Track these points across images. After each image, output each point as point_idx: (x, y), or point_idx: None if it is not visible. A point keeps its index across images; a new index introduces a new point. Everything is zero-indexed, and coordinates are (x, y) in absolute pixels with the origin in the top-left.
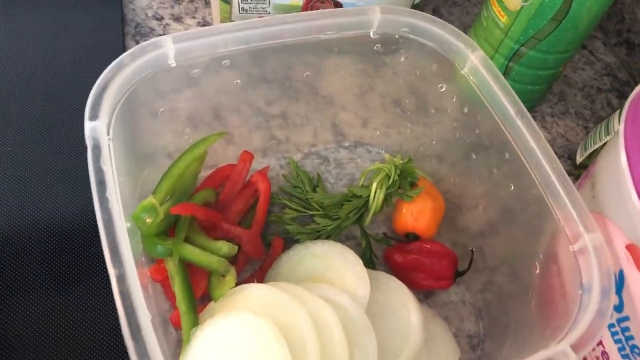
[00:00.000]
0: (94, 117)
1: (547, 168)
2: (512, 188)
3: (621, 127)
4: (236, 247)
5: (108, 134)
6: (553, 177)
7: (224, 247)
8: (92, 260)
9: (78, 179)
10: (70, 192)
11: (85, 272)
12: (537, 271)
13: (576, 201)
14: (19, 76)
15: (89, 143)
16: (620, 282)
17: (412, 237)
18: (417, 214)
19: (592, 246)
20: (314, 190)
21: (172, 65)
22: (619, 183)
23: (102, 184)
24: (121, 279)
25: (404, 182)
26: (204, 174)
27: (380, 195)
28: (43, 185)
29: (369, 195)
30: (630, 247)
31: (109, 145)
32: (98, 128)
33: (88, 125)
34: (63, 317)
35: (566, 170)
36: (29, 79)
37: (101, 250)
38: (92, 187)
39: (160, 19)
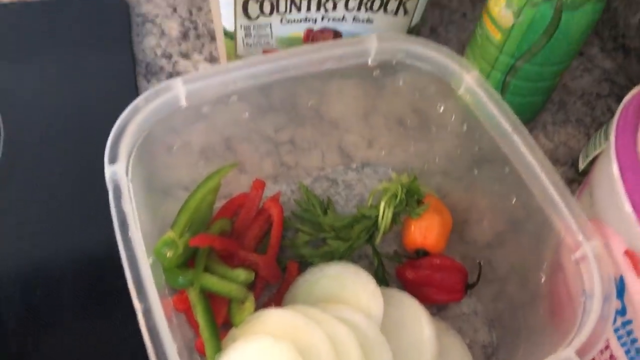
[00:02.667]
0: (113, 160)
1: (546, 180)
2: (514, 201)
3: (612, 137)
4: (253, 274)
5: (127, 175)
6: (552, 189)
7: (242, 274)
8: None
9: (101, 216)
10: (95, 229)
11: (113, 304)
12: (543, 280)
13: (575, 211)
14: (39, 119)
15: (109, 186)
16: (621, 287)
17: (422, 253)
18: (425, 231)
19: (593, 254)
20: (324, 213)
21: (184, 105)
22: (614, 191)
23: (124, 224)
24: (147, 313)
25: (410, 200)
26: (219, 204)
27: (389, 215)
28: (68, 224)
29: (377, 215)
30: (628, 253)
31: (128, 186)
32: (118, 171)
33: (108, 169)
34: (92, 348)
35: (570, 178)
36: (49, 121)
37: (126, 284)
38: (115, 228)
39: (169, 56)
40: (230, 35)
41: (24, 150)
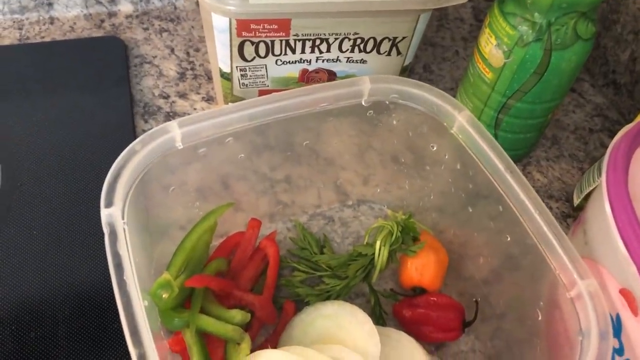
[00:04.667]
0: (109, 204)
1: (539, 219)
2: (509, 239)
3: (603, 176)
4: (249, 315)
5: (123, 218)
6: (545, 228)
7: (237, 315)
8: (115, 334)
9: (97, 256)
10: (91, 269)
11: (109, 345)
12: (540, 318)
13: (569, 250)
14: (37, 160)
15: (105, 230)
16: (618, 325)
17: (418, 291)
18: (421, 268)
19: (587, 292)
20: (321, 251)
21: (180, 147)
22: (607, 230)
23: (119, 267)
24: (141, 358)
25: (406, 237)
26: (216, 242)
27: (385, 252)
28: (64, 264)
29: (374, 253)
30: (623, 292)
31: (124, 229)
32: (113, 214)
33: (104, 212)
34: None
35: (565, 213)
36: (47, 161)
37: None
38: (110, 271)
39: (167, 97)
40: (226, 76)
41: (21, 190)
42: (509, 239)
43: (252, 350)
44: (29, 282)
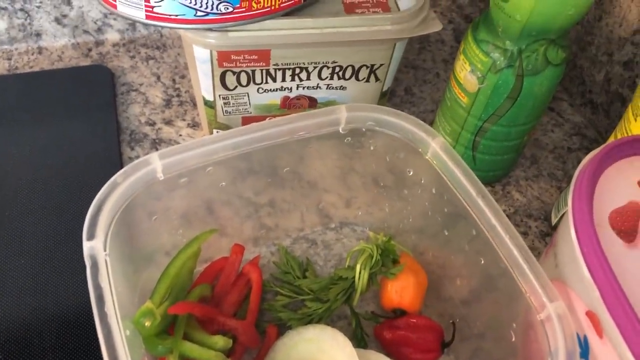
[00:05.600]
0: (91, 237)
1: (509, 244)
2: (483, 261)
3: (569, 202)
4: (230, 341)
5: (105, 250)
6: (515, 252)
7: (220, 341)
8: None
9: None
10: (75, 293)
11: None
12: (514, 339)
13: (538, 273)
14: (22, 187)
15: (87, 262)
16: (585, 347)
17: (399, 313)
18: (401, 290)
19: (556, 314)
20: (304, 274)
21: (161, 178)
22: (573, 255)
23: (100, 299)
24: None
25: (386, 260)
26: (200, 267)
27: (365, 275)
28: (48, 289)
29: (354, 276)
30: (589, 314)
31: (106, 261)
32: (95, 247)
33: (86, 245)
34: None
35: (543, 232)
36: (35, 191)
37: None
38: (92, 303)
39: (153, 124)
40: (210, 104)
41: (5, 217)
42: (482, 261)
43: None
44: (14, 305)
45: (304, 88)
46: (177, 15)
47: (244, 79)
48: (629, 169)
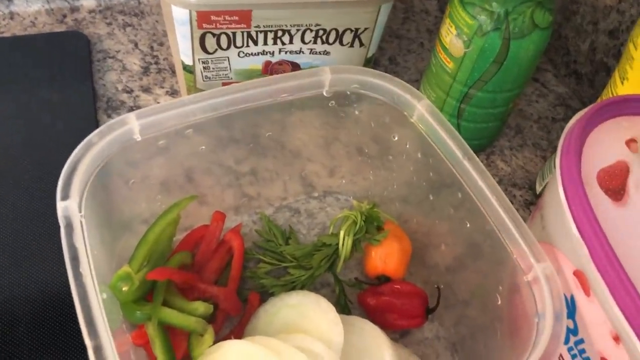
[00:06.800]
0: (65, 197)
1: (496, 205)
2: (469, 226)
3: (557, 161)
4: (211, 307)
5: (80, 211)
6: (503, 214)
7: (200, 307)
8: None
9: (57, 254)
10: (51, 267)
11: (71, 344)
12: (500, 302)
13: (526, 234)
14: None
15: (61, 222)
16: (572, 306)
17: (383, 279)
18: (385, 257)
19: (543, 275)
20: (286, 242)
21: (138, 139)
22: (561, 213)
23: (75, 259)
24: (98, 350)
25: (370, 227)
26: (180, 236)
27: (349, 242)
28: (23, 262)
29: (338, 243)
30: (577, 273)
31: (81, 222)
32: (69, 207)
33: (60, 205)
34: None
35: (528, 201)
36: (8, 157)
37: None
38: (66, 263)
39: (130, 91)
40: (189, 69)
41: None
42: (469, 225)
43: (217, 342)
44: None
45: (286, 52)
46: None
47: (224, 41)
48: (617, 128)
